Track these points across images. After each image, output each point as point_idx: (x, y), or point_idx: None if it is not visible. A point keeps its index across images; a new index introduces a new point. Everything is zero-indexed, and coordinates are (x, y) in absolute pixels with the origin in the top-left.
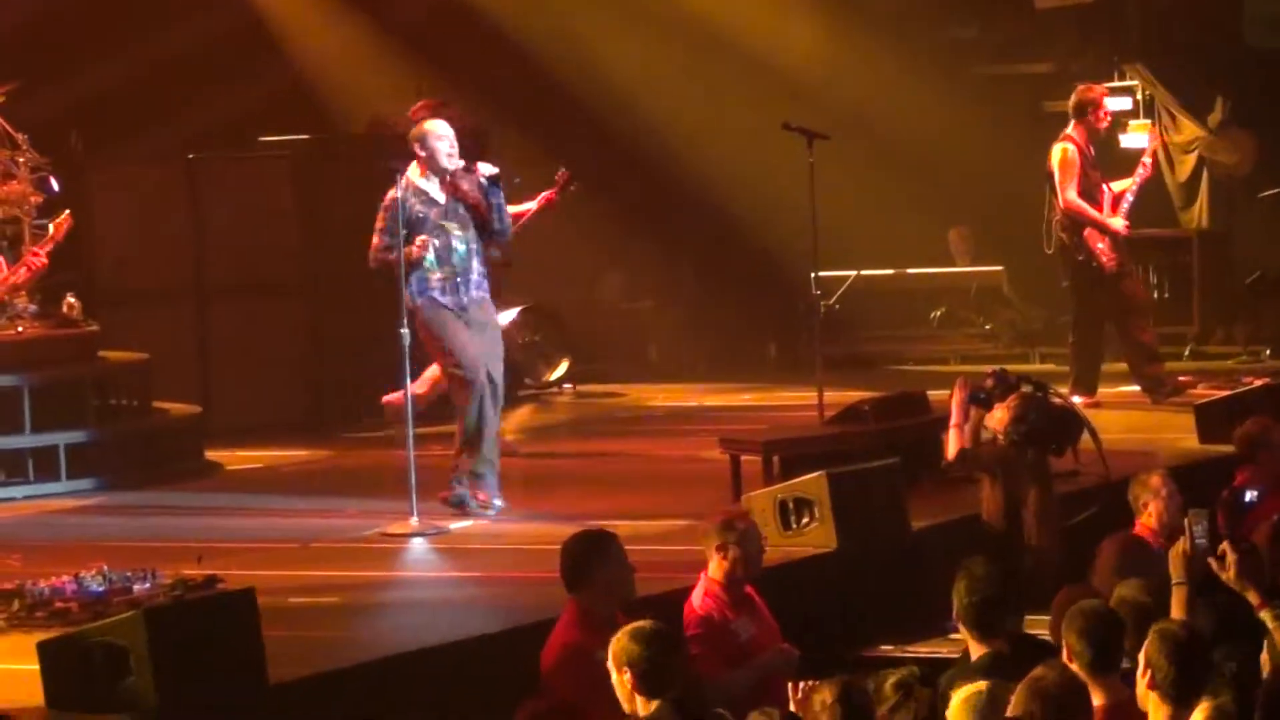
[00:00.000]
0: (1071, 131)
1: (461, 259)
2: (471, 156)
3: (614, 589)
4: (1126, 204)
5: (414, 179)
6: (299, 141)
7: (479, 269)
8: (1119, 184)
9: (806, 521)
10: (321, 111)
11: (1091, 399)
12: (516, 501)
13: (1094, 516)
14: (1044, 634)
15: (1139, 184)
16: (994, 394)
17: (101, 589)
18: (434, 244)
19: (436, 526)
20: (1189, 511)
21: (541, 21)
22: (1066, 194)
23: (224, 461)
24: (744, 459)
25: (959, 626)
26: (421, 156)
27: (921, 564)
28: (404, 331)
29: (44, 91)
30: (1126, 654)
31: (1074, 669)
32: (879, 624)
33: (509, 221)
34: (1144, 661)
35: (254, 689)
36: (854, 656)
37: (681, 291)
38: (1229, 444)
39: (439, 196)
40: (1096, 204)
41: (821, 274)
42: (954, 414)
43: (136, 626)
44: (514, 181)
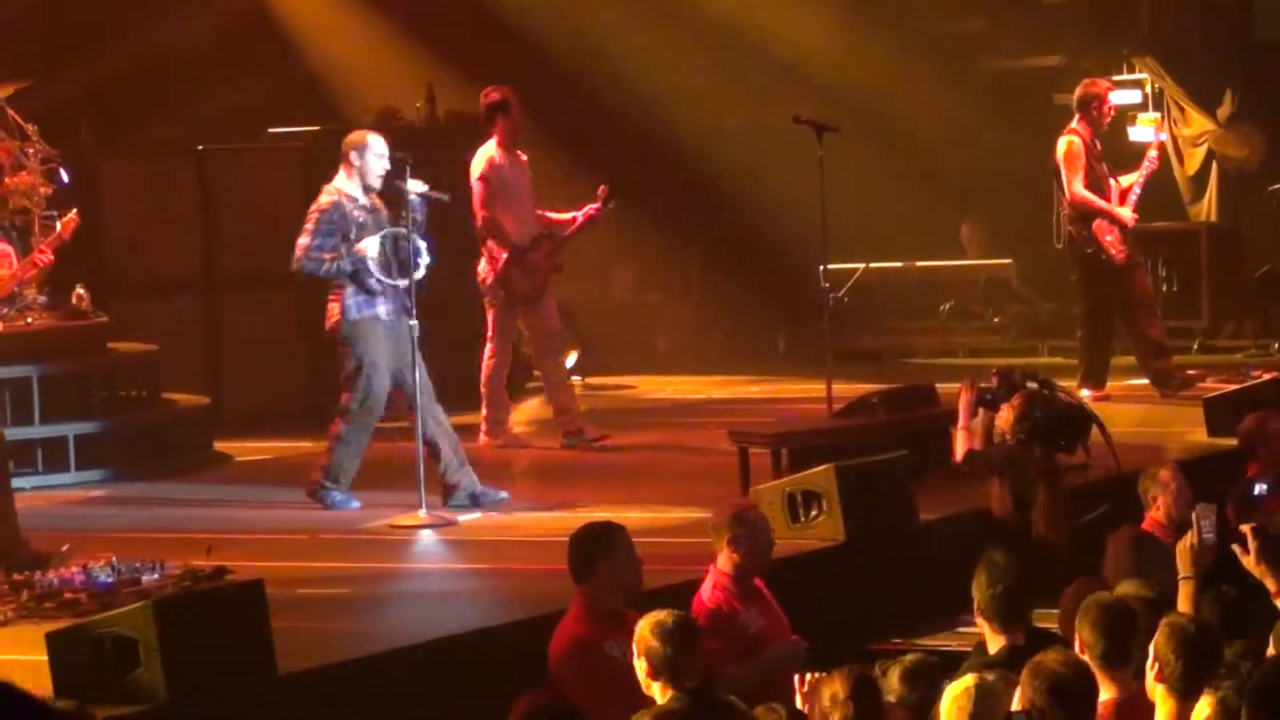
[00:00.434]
0: (1076, 125)
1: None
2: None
3: (622, 581)
4: (1134, 197)
5: (343, 187)
6: (308, 133)
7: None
8: (1126, 178)
9: (815, 514)
10: (331, 103)
11: (1100, 392)
12: (524, 494)
13: (1105, 511)
14: (1054, 628)
15: (1145, 177)
16: (999, 394)
17: (110, 580)
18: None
19: (445, 518)
20: (1196, 506)
21: (552, 15)
22: (1073, 186)
23: (233, 453)
24: (752, 451)
25: (978, 619)
26: (354, 166)
27: (930, 557)
28: (413, 324)
29: (54, 83)
30: None
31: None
32: (887, 616)
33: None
34: (1153, 654)
35: (263, 680)
36: (862, 649)
37: (691, 284)
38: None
39: (368, 204)
40: (1104, 198)
41: (830, 267)
42: (961, 415)
43: (145, 617)
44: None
